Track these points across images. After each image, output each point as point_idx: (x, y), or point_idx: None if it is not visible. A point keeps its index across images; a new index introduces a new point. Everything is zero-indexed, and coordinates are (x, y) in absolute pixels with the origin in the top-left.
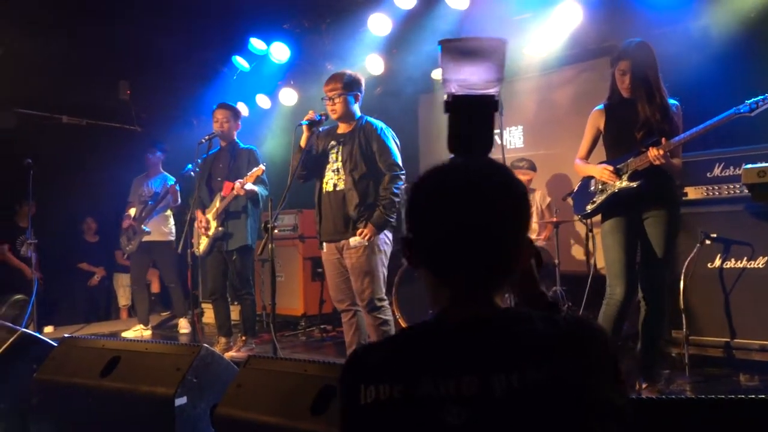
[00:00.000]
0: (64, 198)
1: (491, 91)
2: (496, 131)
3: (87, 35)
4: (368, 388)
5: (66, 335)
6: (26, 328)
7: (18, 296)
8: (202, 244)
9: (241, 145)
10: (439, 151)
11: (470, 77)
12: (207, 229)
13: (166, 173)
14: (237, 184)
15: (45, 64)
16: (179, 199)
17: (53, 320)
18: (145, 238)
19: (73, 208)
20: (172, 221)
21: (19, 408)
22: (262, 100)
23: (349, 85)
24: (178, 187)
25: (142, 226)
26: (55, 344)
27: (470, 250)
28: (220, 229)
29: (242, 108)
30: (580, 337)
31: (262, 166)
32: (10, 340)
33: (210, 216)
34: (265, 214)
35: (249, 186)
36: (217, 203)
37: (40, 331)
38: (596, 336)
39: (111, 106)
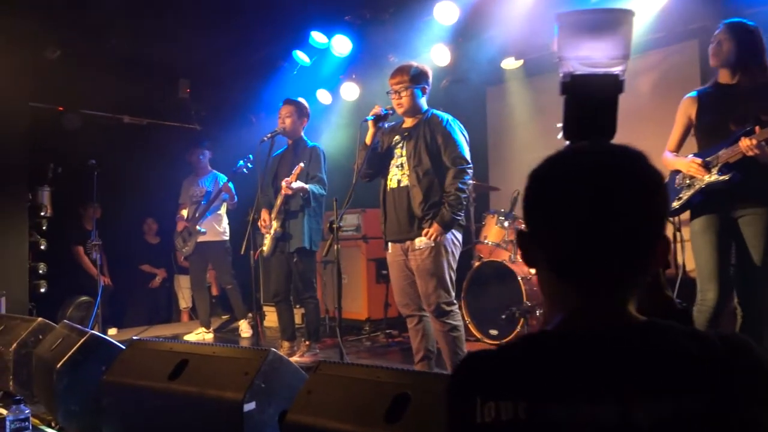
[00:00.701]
0: (125, 199)
1: (615, 69)
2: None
3: (146, 33)
4: (486, 404)
5: (134, 337)
6: (92, 329)
7: (83, 298)
8: (267, 244)
9: (309, 143)
10: (509, 145)
11: (592, 54)
12: (269, 228)
13: (216, 171)
14: (283, 183)
15: (105, 64)
16: (236, 197)
17: (117, 322)
18: (200, 239)
19: (134, 209)
20: (226, 220)
21: (90, 409)
22: (323, 96)
23: (416, 78)
24: (231, 185)
25: (197, 226)
26: (122, 347)
27: (603, 245)
28: (278, 229)
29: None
30: (744, 363)
31: (300, 165)
32: (81, 341)
33: (273, 215)
34: (329, 213)
35: (296, 184)
36: (277, 202)
37: (105, 333)
38: (760, 361)
39: (171, 104)
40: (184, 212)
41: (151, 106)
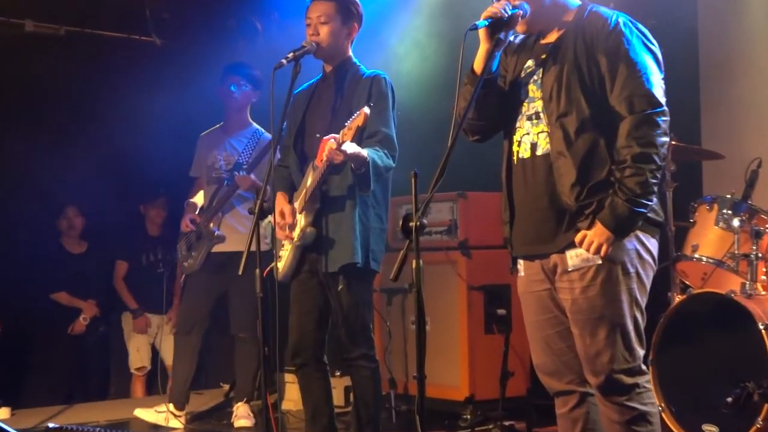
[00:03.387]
0: (26, 173)
1: None
2: None
3: None
4: None
5: (49, 426)
6: None
7: None
8: (285, 257)
9: (364, 70)
10: (740, 76)
11: None
12: (291, 228)
13: (257, 126)
14: (331, 142)
15: None
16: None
17: (10, 397)
18: (217, 248)
19: (43, 194)
20: (269, 216)
21: None
22: None
23: None
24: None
25: (211, 225)
26: None
27: None
28: (308, 230)
29: None
30: None
31: (365, 110)
32: None
33: (297, 205)
34: (398, 200)
35: (351, 147)
36: (308, 181)
37: None
38: None
39: (110, 4)
40: (198, 197)
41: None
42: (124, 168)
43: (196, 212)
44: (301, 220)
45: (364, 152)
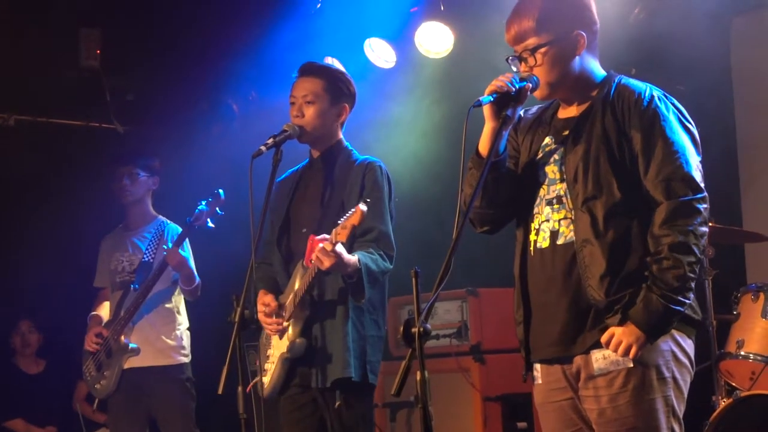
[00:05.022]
0: None
1: None
2: None
3: None
4: None
5: None
6: None
7: None
8: (270, 370)
9: (356, 155)
10: None
11: None
12: (281, 331)
13: (163, 218)
14: (319, 246)
15: None
16: (196, 276)
17: None
18: (130, 363)
19: None
20: (182, 320)
21: None
22: (378, 50)
23: (560, 15)
24: (186, 250)
25: (122, 338)
26: None
27: None
28: (298, 341)
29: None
30: None
31: (361, 207)
32: None
33: (286, 313)
34: (398, 301)
35: (344, 254)
36: (295, 284)
37: None
38: None
39: (63, 84)
40: (103, 309)
41: (24, 90)
42: (86, 274)
43: (102, 325)
44: (290, 329)
45: (354, 257)
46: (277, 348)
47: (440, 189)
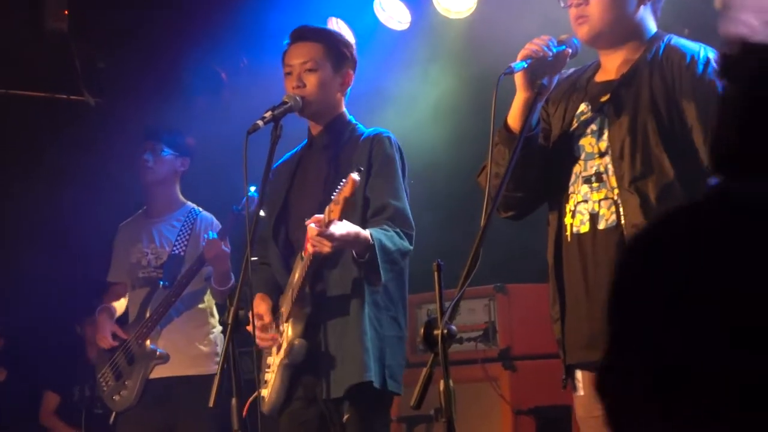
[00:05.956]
0: None
1: None
2: None
3: None
4: None
5: None
6: None
7: None
8: (270, 381)
9: (362, 129)
10: None
11: None
12: (278, 340)
13: (192, 204)
14: (312, 227)
15: None
16: (231, 275)
17: None
18: (156, 373)
19: None
20: (215, 323)
21: None
22: (391, 8)
23: None
24: (227, 244)
25: (148, 342)
26: None
27: None
28: (297, 343)
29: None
30: None
31: (353, 176)
32: None
33: (283, 309)
34: (417, 299)
35: (342, 228)
36: (295, 275)
37: None
38: None
39: (28, 51)
40: (119, 303)
41: None
42: (50, 267)
43: (114, 320)
44: (288, 330)
45: (365, 231)
46: (278, 355)
47: (464, 172)
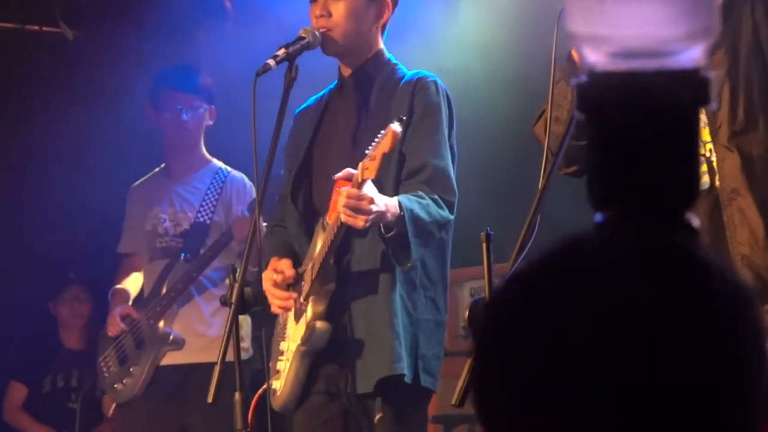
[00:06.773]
0: None
1: (690, 59)
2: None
3: None
4: None
5: None
6: None
7: None
8: (283, 371)
9: (404, 71)
10: None
11: (634, 28)
12: (298, 313)
13: (218, 162)
14: (346, 191)
15: None
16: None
17: None
18: (169, 359)
19: None
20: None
21: None
22: None
23: None
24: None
25: (161, 324)
26: None
27: None
28: (319, 326)
29: None
30: None
31: (393, 127)
32: None
33: (305, 286)
34: (460, 273)
35: (375, 195)
36: (317, 245)
37: None
38: None
39: None
40: (130, 282)
41: None
42: (20, 238)
43: (129, 303)
44: (308, 310)
45: (392, 200)
46: (294, 339)
47: (515, 113)
